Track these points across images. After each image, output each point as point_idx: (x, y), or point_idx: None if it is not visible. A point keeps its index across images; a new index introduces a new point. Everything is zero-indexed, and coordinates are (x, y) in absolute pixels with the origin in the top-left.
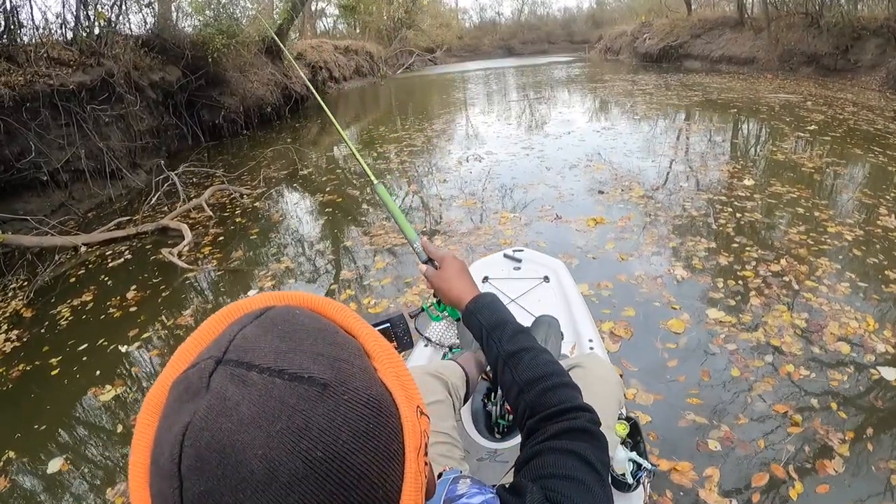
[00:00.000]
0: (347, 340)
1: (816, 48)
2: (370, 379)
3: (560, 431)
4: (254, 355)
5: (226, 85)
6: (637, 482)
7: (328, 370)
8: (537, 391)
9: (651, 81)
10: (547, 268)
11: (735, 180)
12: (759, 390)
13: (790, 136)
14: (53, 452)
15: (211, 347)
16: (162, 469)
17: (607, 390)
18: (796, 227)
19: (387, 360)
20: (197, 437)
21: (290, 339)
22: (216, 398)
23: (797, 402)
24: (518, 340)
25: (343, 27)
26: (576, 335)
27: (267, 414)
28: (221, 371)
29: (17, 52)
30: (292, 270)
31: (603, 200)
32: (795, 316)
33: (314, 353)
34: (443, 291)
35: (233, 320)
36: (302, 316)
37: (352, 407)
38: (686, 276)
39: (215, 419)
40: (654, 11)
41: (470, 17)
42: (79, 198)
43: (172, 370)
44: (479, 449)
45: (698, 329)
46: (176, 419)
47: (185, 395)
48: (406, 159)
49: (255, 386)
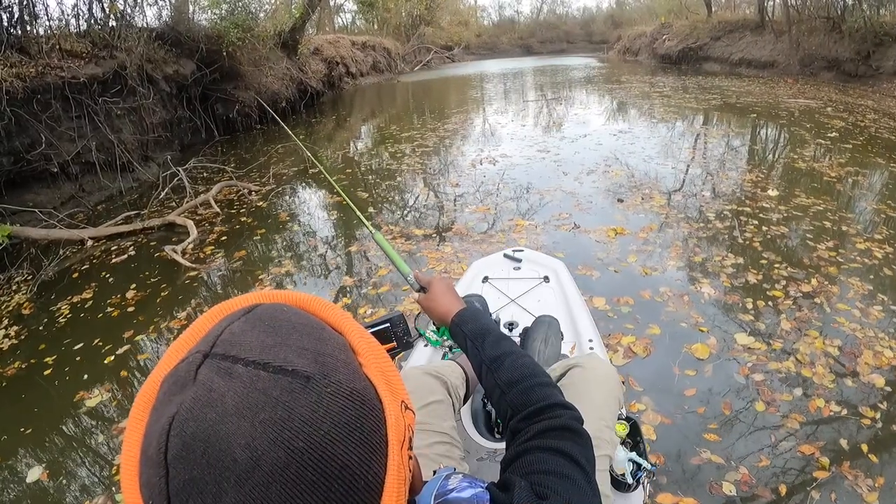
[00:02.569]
0: (333, 336)
1: (838, 53)
2: (354, 373)
3: (543, 430)
4: (240, 349)
5: (240, 79)
6: (637, 482)
7: (312, 364)
8: (517, 391)
9: (669, 83)
10: (547, 268)
11: (759, 190)
12: (785, 428)
13: (811, 143)
14: (35, 459)
15: (200, 343)
16: (150, 459)
17: (607, 390)
18: (824, 242)
19: (372, 356)
20: (183, 426)
21: (275, 334)
22: (202, 389)
23: (826, 442)
24: (499, 346)
25: (361, 23)
26: (576, 335)
27: (251, 405)
28: (208, 364)
29: (30, 43)
30: (294, 274)
31: (623, 209)
32: (828, 343)
33: (299, 347)
34: (431, 311)
35: (222, 317)
36: (289, 312)
37: (334, 399)
38: (713, 294)
39: (201, 410)
40: (673, 12)
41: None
42: (89, 190)
43: (163, 367)
44: (479, 449)
45: (724, 356)
46: (164, 411)
47: (173, 388)
48: (418, 160)
49: (241, 378)
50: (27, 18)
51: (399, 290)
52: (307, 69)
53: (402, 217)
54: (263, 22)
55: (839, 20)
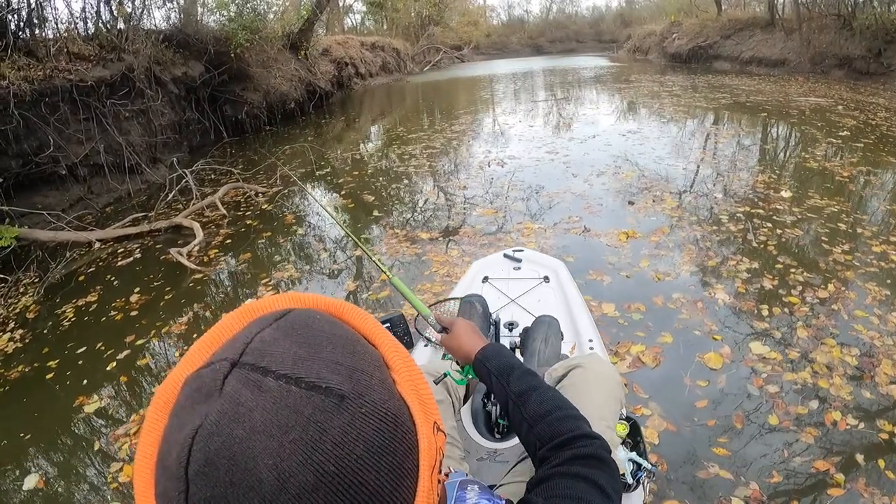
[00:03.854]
0: (367, 350)
1: (849, 51)
2: (388, 392)
3: (572, 457)
4: (271, 360)
5: (249, 80)
6: (637, 482)
7: (346, 381)
8: (545, 424)
9: (678, 82)
10: (547, 268)
11: (771, 191)
12: (799, 442)
13: (822, 142)
14: (34, 466)
15: (227, 348)
16: (168, 470)
17: (608, 390)
18: (840, 245)
19: (406, 372)
20: (207, 441)
21: (308, 346)
22: (229, 403)
23: (842, 457)
24: (525, 381)
25: (370, 24)
26: (576, 335)
27: (280, 423)
28: (236, 374)
29: (38, 46)
30: (298, 277)
31: (634, 211)
32: (846, 352)
33: (333, 361)
34: (454, 350)
35: (251, 320)
36: (322, 321)
37: (368, 421)
38: (728, 300)
39: (227, 424)
40: (683, 11)
41: (498, 15)
42: (97, 192)
43: (186, 366)
44: (479, 449)
45: (738, 366)
46: (187, 420)
47: (197, 395)
48: (425, 162)
49: (270, 393)
50: (35, 22)
51: (400, 295)
52: (316, 70)
53: (410, 220)
54: (272, 23)
55: (850, 17)
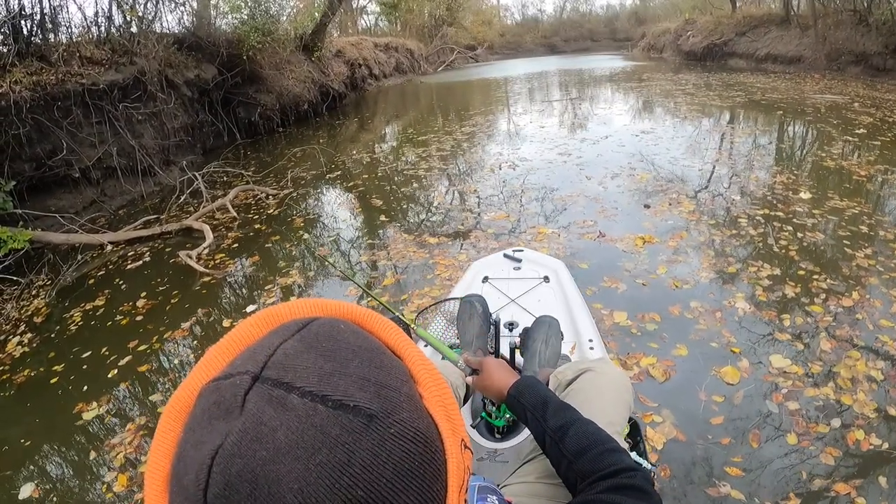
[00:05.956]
0: (394, 363)
1: (865, 47)
2: (417, 410)
3: (615, 486)
4: (295, 375)
5: (262, 82)
6: None
7: (375, 399)
8: (586, 459)
9: (693, 81)
10: (547, 268)
11: (790, 192)
12: (819, 463)
13: (838, 140)
14: (31, 475)
15: (247, 358)
16: (185, 490)
17: (618, 394)
18: (863, 249)
19: (434, 387)
20: (228, 463)
21: (334, 360)
22: (251, 422)
23: (864, 479)
24: (561, 415)
25: (384, 24)
26: (576, 335)
27: (306, 444)
28: (258, 390)
29: (50, 51)
30: (302, 284)
31: (650, 215)
32: (871, 365)
33: (360, 377)
34: (486, 389)
35: (272, 328)
36: (347, 332)
37: (398, 442)
38: (748, 309)
39: (249, 445)
40: (697, 8)
41: (512, 15)
42: (110, 195)
43: (201, 374)
44: (479, 449)
45: (757, 380)
46: (205, 437)
47: (215, 409)
48: (437, 164)
49: (295, 411)
50: (49, 26)
51: (400, 301)
52: (329, 71)
53: (421, 224)
54: (284, 25)
55: (866, 13)
